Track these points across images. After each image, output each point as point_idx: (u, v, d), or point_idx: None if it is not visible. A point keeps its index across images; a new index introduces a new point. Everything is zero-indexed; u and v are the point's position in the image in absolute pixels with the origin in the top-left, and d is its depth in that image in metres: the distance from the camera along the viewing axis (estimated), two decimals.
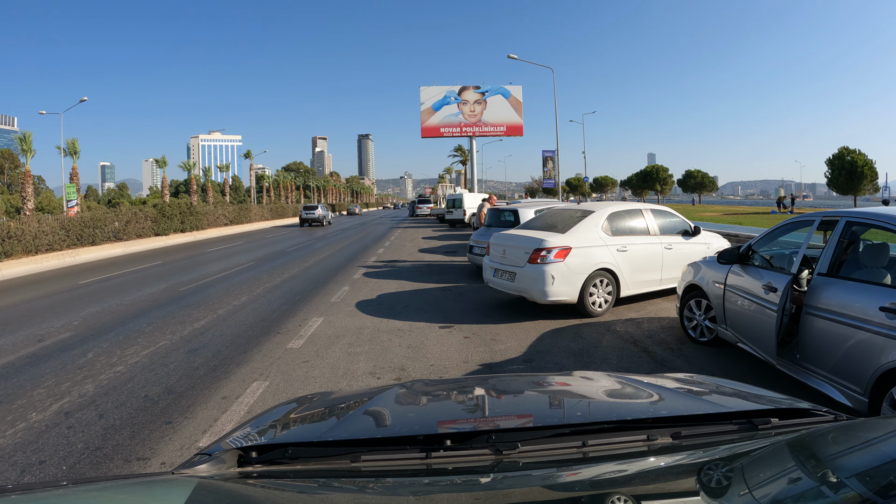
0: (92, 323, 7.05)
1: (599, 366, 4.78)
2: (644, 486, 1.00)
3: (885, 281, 3.29)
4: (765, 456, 1.03)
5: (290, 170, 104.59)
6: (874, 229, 3.46)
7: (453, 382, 2.09)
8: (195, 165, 55.35)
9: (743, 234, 13.07)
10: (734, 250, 4.59)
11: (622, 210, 7.30)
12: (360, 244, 18.93)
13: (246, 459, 1.13)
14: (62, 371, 4.98)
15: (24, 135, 25.69)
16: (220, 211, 30.56)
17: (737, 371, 4.48)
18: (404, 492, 1.00)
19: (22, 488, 1.01)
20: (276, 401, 3.97)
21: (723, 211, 43.30)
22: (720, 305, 4.75)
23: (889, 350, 2.88)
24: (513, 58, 30.24)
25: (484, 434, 1.14)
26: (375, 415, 1.38)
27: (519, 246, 6.81)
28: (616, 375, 1.71)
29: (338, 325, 6.50)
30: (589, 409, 1.46)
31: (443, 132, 41.40)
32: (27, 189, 24.76)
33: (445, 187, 70.06)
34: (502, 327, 6.21)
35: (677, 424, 1.18)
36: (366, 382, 4.48)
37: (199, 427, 3.64)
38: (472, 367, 4.81)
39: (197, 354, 5.40)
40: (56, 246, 15.49)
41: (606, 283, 6.69)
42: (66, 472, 3.09)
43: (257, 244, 20.10)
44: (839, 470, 0.92)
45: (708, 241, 7.78)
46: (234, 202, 50.19)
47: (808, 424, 1.20)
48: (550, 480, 1.03)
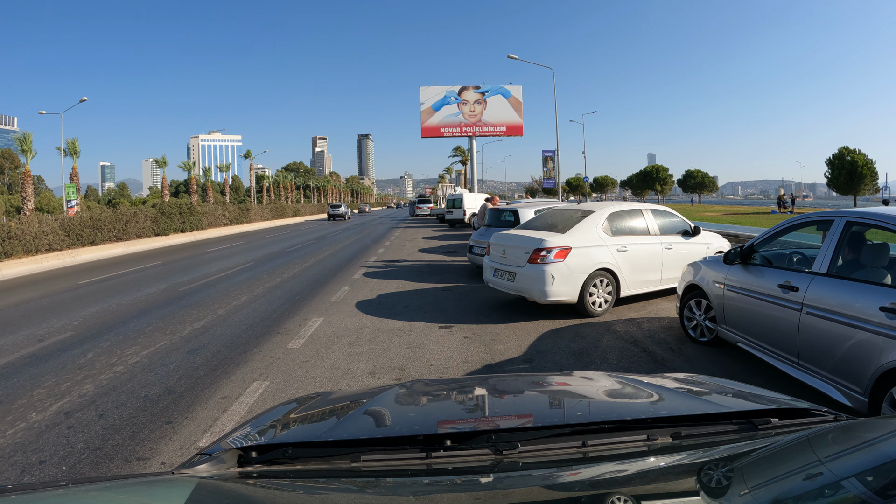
0: (92, 323, 7.05)
1: (599, 366, 4.78)
2: (644, 486, 1.00)
3: (885, 281, 3.29)
4: (765, 456, 1.03)
5: (290, 170, 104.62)
6: (874, 229, 3.46)
7: (453, 382, 2.09)
8: (195, 165, 55.36)
9: (743, 234, 13.07)
10: (740, 249, 4.59)
11: (622, 210, 7.29)
12: (360, 244, 18.93)
13: (246, 459, 1.13)
14: (62, 371, 4.98)
15: (24, 135, 25.69)
16: (221, 211, 30.56)
17: (737, 371, 4.48)
18: (404, 492, 1.00)
19: (22, 488, 1.01)
20: (276, 401, 3.97)
21: (723, 211, 43.29)
22: (720, 305, 4.75)
23: (889, 350, 2.87)
24: (513, 58, 30.23)
25: (484, 434, 1.14)
26: (375, 415, 1.38)
27: (519, 246, 6.81)
28: (616, 375, 1.71)
29: (338, 325, 6.50)
30: (589, 409, 1.46)
31: (443, 132, 41.38)
32: (27, 189, 24.76)
33: (445, 187, 70.02)
34: (502, 327, 6.21)
35: (677, 424, 1.18)
36: (366, 382, 4.48)
37: (199, 427, 3.64)
38: (472, 367, 4.81)
39: (197, 354, 5.40)
40: (56, 246, 15.49)
41: (606, 283, 6.69)
42: (66, 472, 3.09)
43: (257, 244, 20.10)
44: (839, 470, 0.92)
45: (708, 241, 7.78)
46: (234, 202, 50.30)
47: (808, 424, 1.20)
48: (550, 480, 1.03)
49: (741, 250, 4.56)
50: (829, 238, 3.60)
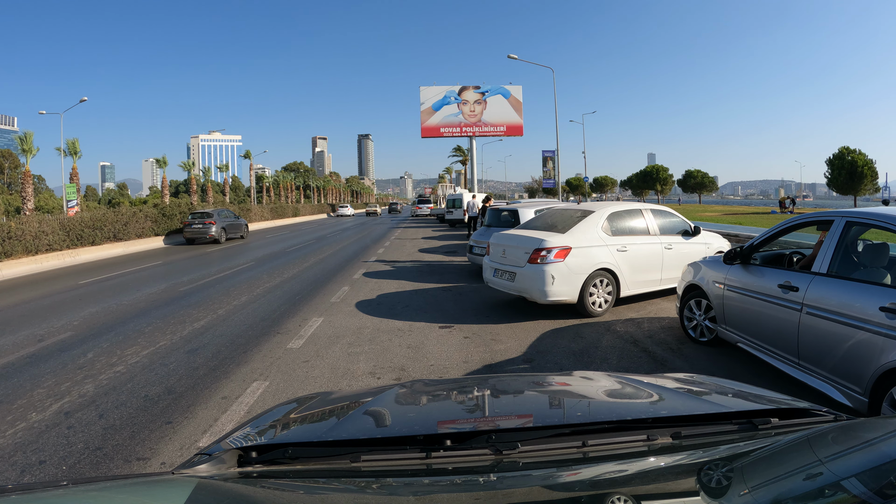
0: (92, 323, 7.05)
1: (599, 366, 4.78)
2: (644, 486, 1.00)
3: (885, 281, 3.29)
4: (765, 456, 1.03)
5: (290, 170, 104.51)
6: (874, 229, 3.46)
7: (453, 382, 2.09)
8: (195, 165, 55.38)
9: (743, 234, 13.07)
10: (740, 249, 4.59)
11: (622, 210, 7.29)
12: (360, 244, 18.92)
13: (246, 459, 1.13)
14: (62, 371, 4.98)
15: (25, 135, 25.69)
16: None
17: (737, 371, 4.48)
18: (404, 492, 1.00)
19: (22, 488, 1.01)
20: (276, 401, 3.97)
21: (723, 211, 43.29)
22: (720, 305, 4.75)
23: (889, 350, 2.87)
24: (513, 58, 30.21)
25: (484, 434, 1.14)
26: (375, 415, 1.38)
27: (519, 246, 6.81)
28: (616, 375, 1.71)
29: (338, 325, 6.50)
30: (589, 409, 1.46)
31: (443, 132, 41.35)
32: (27, 189, 24.76)
33: (445, 187, 69.97)
34: (502, 327, 6.21)
35: (677, 424, 1.18)
36: (366, 382, 4.48)
37: (199, 427, 3.64)
38: (472, 367, 4.81)
39: (197, 354, 5.40)
40: (56, 246, 15.48)
41: (606, 283, 6.69)
42: (66, 472, 3.09)
43: (257, 244, 20.10)
44: (839, 470, 0.91)
45: (708, 241, 7.78)
46: (235, 202, 50.31)
47: (808, 424, 1.20)
48: (550, 480, 1.03)
49: (741, 250, 4.56)
50: (829, 238, 3.60)
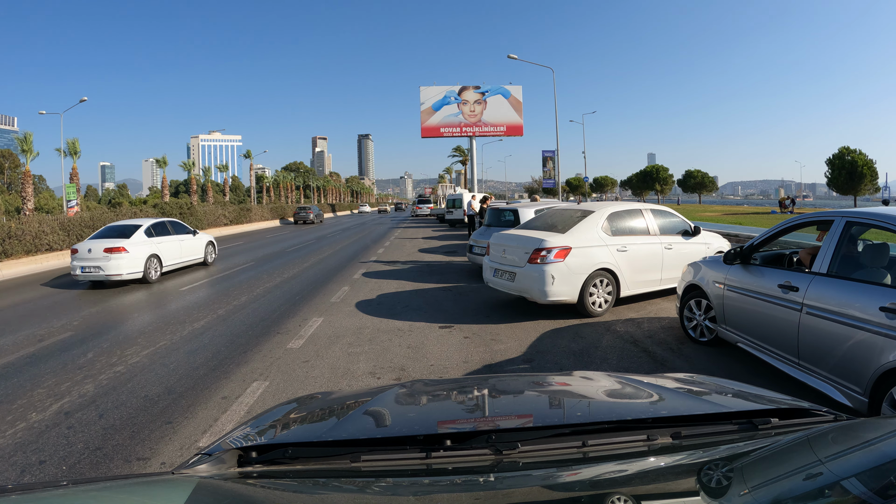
0: (92, 323, 7.05)
1: (599, 366, 4.78)
2: (644, 486, 1.00)
3: (885, 281, 3.29)
4: (765, 456, 1.03)
5: (290, 170, 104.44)
6: (874, 229, 3.46)
7: (453, 382, 2.09)
8: (195, 165, 55.35)
9: (743, 234, 13.06)
10: (740, 249, 4.58)
11: (622, 210, 7.29)
12: (360, 244, 18.92)
13: (246, 459, 1.13)
14: (62, 371, 4.98)
15: (25, 135, 25.70)
16: (221, 211, 30.53)
17: (737, 371, 4.48)
18: (404, 492, 1.00)
19: (22, 488, 1.01)
20: (276, 401, 3.97)
21: (723, 211, 43.29)
22: (720, 305, 4.75)
23: (889, 350, 2.87)
24: (513, 58, 30.21)
25: (484, 434, 1.14)
26: (375, 415, 1.38)
27: (519, 246, 6.80)
28: (616, 375, 1.71)
29: (338, 325, 6.50)
30: (589, 409, 1.46)
31: (443, 132, 41.34)
32: (27, 189, 24.77)
33: (445, 187, 69.89)
34: (502, 327, 6.21)
35: (677, 424, 1.18)
36: (366, 382, 4.48)
37: (199, 427, 3.64)
38: (472, 367, 4.81)
39: (197, 354, 5.40)
40: (56, 246, 15.48)
41: (606, 283, 6.69)
42: (66, 472, 3.09)
43: (257, 244, 20.09)
44: (839, 470, 0.91)
45: (708, 241, 7.78)
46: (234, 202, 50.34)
47: (808, 424, 1.20)
48: (550, 480, 1.03)
49: (741, 250, 4.56)
50: (829, 238, 3.60)
